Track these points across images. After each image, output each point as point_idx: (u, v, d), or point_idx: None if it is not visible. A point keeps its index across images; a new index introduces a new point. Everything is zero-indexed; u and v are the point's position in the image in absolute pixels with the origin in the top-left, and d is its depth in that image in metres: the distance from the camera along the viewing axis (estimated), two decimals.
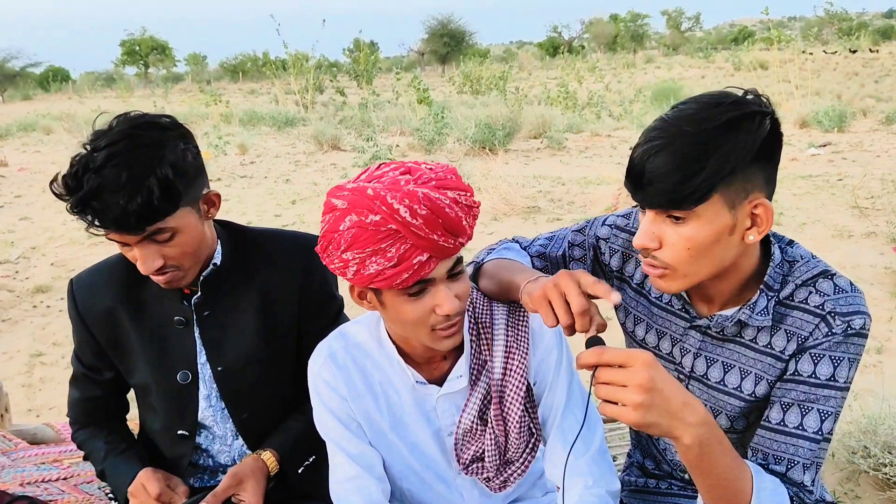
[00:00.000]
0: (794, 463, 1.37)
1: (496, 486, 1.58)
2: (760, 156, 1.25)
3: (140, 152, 1.46)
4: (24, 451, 2.79)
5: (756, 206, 1.28)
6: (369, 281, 1.28)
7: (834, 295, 1.36)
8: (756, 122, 1.24)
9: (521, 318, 1.53)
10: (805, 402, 1.37)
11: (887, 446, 2.81)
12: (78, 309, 1.76)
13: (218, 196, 1.68)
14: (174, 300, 1.74)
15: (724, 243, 1.30)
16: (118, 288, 1.74)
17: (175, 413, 1.79)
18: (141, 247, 1.54)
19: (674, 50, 70.28)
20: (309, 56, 26.35)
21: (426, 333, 1.37)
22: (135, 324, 1.74)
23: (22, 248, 7.54)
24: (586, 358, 1.12)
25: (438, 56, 65.36)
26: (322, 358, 1.54)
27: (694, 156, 1.23)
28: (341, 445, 1.54)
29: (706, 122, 1.23)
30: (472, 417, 1.52)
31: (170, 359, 1.75)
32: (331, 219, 1.29)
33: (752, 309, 1.39)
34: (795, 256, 1.43)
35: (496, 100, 18.24)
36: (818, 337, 1.35)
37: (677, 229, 1.30)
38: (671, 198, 1.26)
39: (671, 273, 1.34)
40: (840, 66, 31.93)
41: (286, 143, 16.47)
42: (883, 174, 9.30)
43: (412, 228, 1.24)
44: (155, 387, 1.77)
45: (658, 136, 1.26)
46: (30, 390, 4.31)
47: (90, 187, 1.43)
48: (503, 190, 8.11)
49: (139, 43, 71.24)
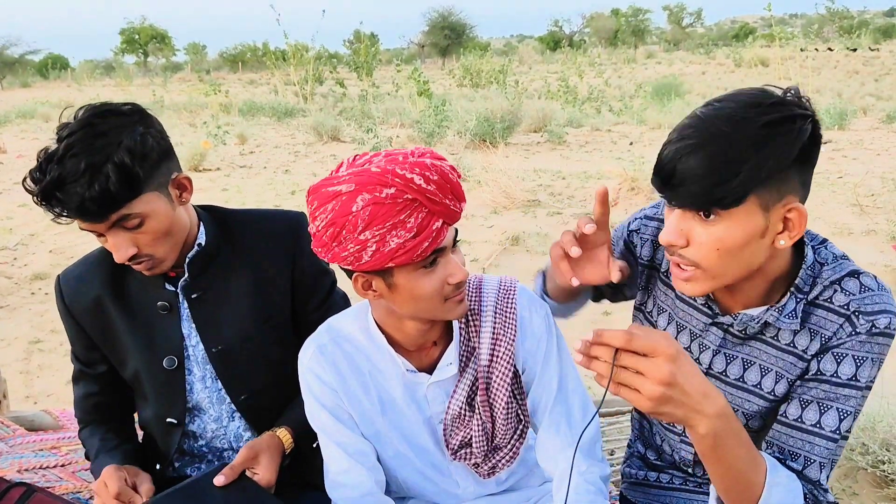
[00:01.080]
0: (810, 461, 1.36)
1: (485, 472, 1.60)
2: (798, 160, 1.20)
3: (97, 140, 1.47)
4: (21, 438, 2.79)
5: (790, 210, 1.24)
6: (389, 258, 1.28)
7: (860, 294, 1.34)
8: (797, 126, 1.19)
9: (509, 305, 1.53)
10: (825, 400, 1.35)
11: (885, 444, 2.81)
12: (65, 303, 1.76)
13: (188, 180, 1.67)
14: (157, 286, 1.74)
15: (754, 246, 1.26)
16: (104, 277, 1.74)
17: (164, 400, 1.78)
18: (111, 235, 1.55)
19: (675, 45, 70.28)
20: (309, 47, 26.27)
21: (440, 305, 1.38)
22: (121, 312, 1.74)
23: (20, 234, 7.53)
24: (612, 339, 1.07)
25: (439, 49, 65.26)
26: (311, 351, 1.54)
27: (730, 159, 1.18)
28: (334, 438, 1.55)
29: (744, 124, 1.18)
30: (461, 403, 1.53)
31: (156, 345, 1.75)
32: (337, 204, 1.27)
33: (781, 311, 1.37)
34: (827, 257, 1.40)
35: (496, 93, 18.21)
36: (842, 336, 1.34)
37: (707, 228, 1.25)
38: (703, 200, 1.21)
39: (699, 274, 1.30)
40: (841, 64, 31.91)
41: (286, 133, 16.44)
42: (883, 172, 9.30)
43: (428, 195, 1.27)
44: (144, 375, 1.77)
45: (692, 135, 1.21)
46: (28, 377, 4.30)
47: (52, 178, 1.45)
48: (503, 183, 8.09)
49: (139, 31, 71.11)
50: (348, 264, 1.32)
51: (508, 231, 6.71)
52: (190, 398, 1.80)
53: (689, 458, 1.64)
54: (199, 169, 11.36)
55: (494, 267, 5.88)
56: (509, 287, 1.56)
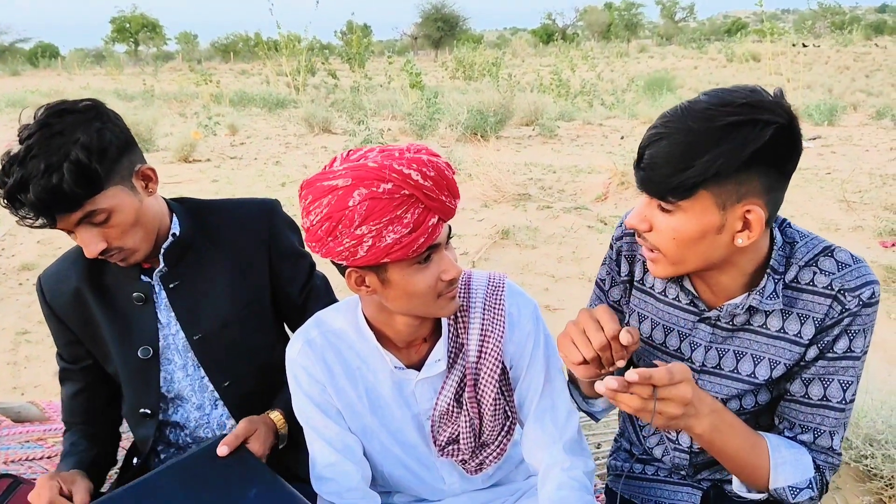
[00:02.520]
0: (820, 431, 1.44)
1: (472, 469, 1.60)
2: (758, 162, 1.22)
3: (53, 140, 1.48)
4: (7, 430, 2.78)
5: (748, 212, 1.27)
6: (385, 254, 1.28)
7: (839, 272, 1.38)
8: (755, 131, 1.21)
9: (497, 302, 1.54)
10: (825, 375, 1.42)
11: (868, 438, 2.83)
12: (47, 300, 1.78)
13: (153, 170, 1.68)
14: (132, 277, 1.75)
15: (710, 241, 1.30)
16: (81, 270, 1.75)
17: (139, 390, 1.79)
18: (80, 231, 1.56)
19: (667, 40, 70.33)
20: (301, 37, 26.17)
21: (433, 302, 1.39)
22: (99, 304, 1.75)
23: (8, 224, 7.47)
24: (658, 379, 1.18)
25: (432, 41, 65.13)
26: (299, 344, 1.54)
27: (686, 152, 1.23)
28: (320, 432, 1.55)
29: (709, 121, 1.22)
30: (449, 400, 1.54)
31: (132, 336, 1.76)
32: (333, 199, 1.27)
33: (762, 294, 1.40)
34: (794, 236, 1.44)
35: (489, 86, 18.17)
36: (834, 316, 1.38)
37: (666, 218, 1.31)
38: (660, 187, 1.27)
39: (661, 258, 1.36)
40: (832, 59, 32.00)
41: (277, 124, 16.37)
42: (871, 169, 9.34)
43: (425, 191, 1.28)
44: (121, 365, 1.78)
45: (665, 125, 1.27)
46: (15, 368, 4.28)
47: (14, 180, 1.46)
48: (494, 177, 8.08)
49: (129, 20, 70.66)
50: (343, 259, 1.32)
51: (499, 225, 6.71)
52: (171, 388, 1.80)
53: (685, 464, 1.66)
54: (189, 160, 11.31)
55: (484, 261, 5.88)
56: (498, 283, 1.56)
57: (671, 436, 1.65)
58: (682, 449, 1.64)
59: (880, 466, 2.72)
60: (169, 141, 12.51)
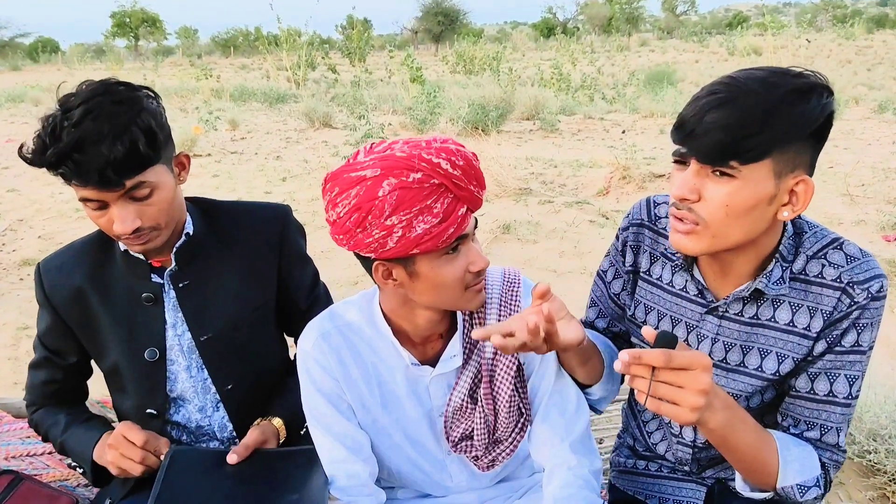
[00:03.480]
0: (827, 428, 1.43)
1: (484, 465, 1.58)
2: (818, 132, 1.25)
3: (118, 106, 1.47)
4: (8, 425, 2.78)
5: (798, 183, 1.27)
6: (414, 245, 1.27)
7: (848, 265, 1.38)
8: (823, 98, 1.23)
9: (514, 298, 1.53)
10: (832, 369, 1.41)
11: (872, 433, 2.83)
12: (45, 291, 1.74)
13: (188, 158, 1.69)
14: (141, 277, 1.72)
15: (759, 211, 1.29)
16: (86, 268, 1.73)
17: (145, 391, 1.77)
18: (119, 205, 1.52)
19: (668, 33, 70.17)
20: (301, 32, 26.15)
21: (460, 294, 1.38)
22: (103, 304, 1.72)
23: (9, 220, 7.48)
24: (653, 359, 1.13)
25: (432, 35, 64.97)
26: (313, 337, 1.52)
27: (759, 114, 1.21)
28: (329, 427, 1.53)
29: (774, 88, 1.22)
30: (463, 395, 1.52)
31: (138, 337, 1.74)
32: (362, 189, 1.26)
33: (769, 278, 1.39)
34: (802, 226, 1.44)
35: (489, 80, 18.12)
36: (842, 309, 1.37)
37: (720, 186, 1.27)
38: (727, 150, 1.23)
39: (701, 230, 1.32)
40: (833, 53, 31.91)
41: (277, 119, 16.35)
42: (874, 162, 9.33)
43: (454, 180, 1.27)
44: (124, 366, 1.76)
45: (724, 90, 1.25)
46: (16, 363, 4.28)
47: (70, 140, 1.42)
48: (495, 171, 8.07)
49: (130, 15, 70.50)
50: (371, 251, 1.31)
51: (500, 219, 6.70)
52: (173, 388, 1.79)
53: (688, 458, 1.65)
54: (190, 155, 11.27)
55: (486, 255, 5.87)
56: (514, 279, 1.55)
57: (674, 430, 1.64)
58: (686, 443, 1.63)
59: (884, 462, 2.71)
60: None
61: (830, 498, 2.70)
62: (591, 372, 1.51)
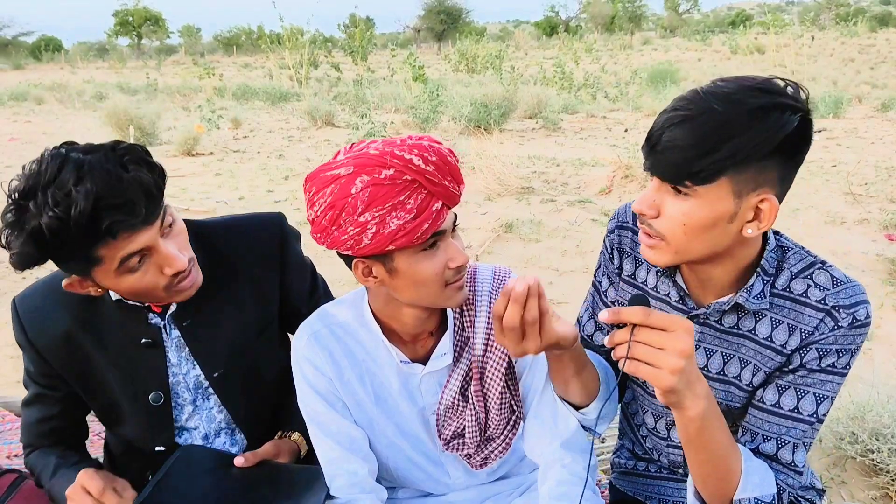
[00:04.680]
0: (784, 442, 1.39)
1: (477, 463, 1.59)
2: (780, 152, 1.21)
3: (108, 156, 1.35)
4: (11, 424, 2.78)
5: (762, 201, 1.24)
6: (389, 241, 1.28)
7: (834, 288, 1.35)
8: (784, 117, 1.19)
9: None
10: (802, 385, 1.38)
11: (875, 433, 2.82)
12: (28, 336, 1.61)
13: None
14: (138, 320, 1.61)
15: (720, 228, 1.27)
16: (73, 311, 1.59)
17: (151, 431, 1.70)
18: (165, 240, 1.43)
19: (671, 32, 70.16)
20: (304, 30, 26.13)
21: (440, 291, 1.38)
22: (96, 347, 1.61)
23: None
24: (630, 315, 1.11)
25: (434, 33, 65.02)
26: (305, 338, 1.53)
27: (713, 135, 1.19)
28: (326, 427, 1.54)
29: (735, 105, 1.19)
30: (454, 394, 1.53)
31: (139, 380, 1.65)
32: (336, 187, 1.27)
33: (749, 292, 1.38)
34: (787, 243, 1.43)
35: (492, 79, 18.14)
36: (824, 331, 1.35)
37: (677, 203, 1.27)
38: (681, 170, 1.22)
39: (663, 245, 1.32)
40: (836, 51, 31.87)
41: (280, 118, 16.37)
42: (877, 161, 9.30)
43: (427, 176, 1.27)
44: (126, 408, 1.68)
45: (685, 107, 1.23)
46: (18, 362, 4.28)
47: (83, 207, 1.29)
48: (497, 170, 8.06)
49: (132, 13, 70.61)
50: (348, 249, 1.32)
51: (502, 218, 6.69)
52: (178, 419, 1.73)
53: (680, 461, 1.64)
54: (193, 153, 11.30)
55: (488, 254, 5.87)
56: (504, 276, 1.56)
57: (662, 434, 1.64)
58: (676, 445, 1.62)
59: (886, 461, 2.71)
60: (172, 135, 12.51)
61: (833, 497, 2.69)
62: (587, 385, 1.45)
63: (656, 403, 1.62)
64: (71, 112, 18.74)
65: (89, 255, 1.36)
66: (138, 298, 1.53)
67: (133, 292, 1.48)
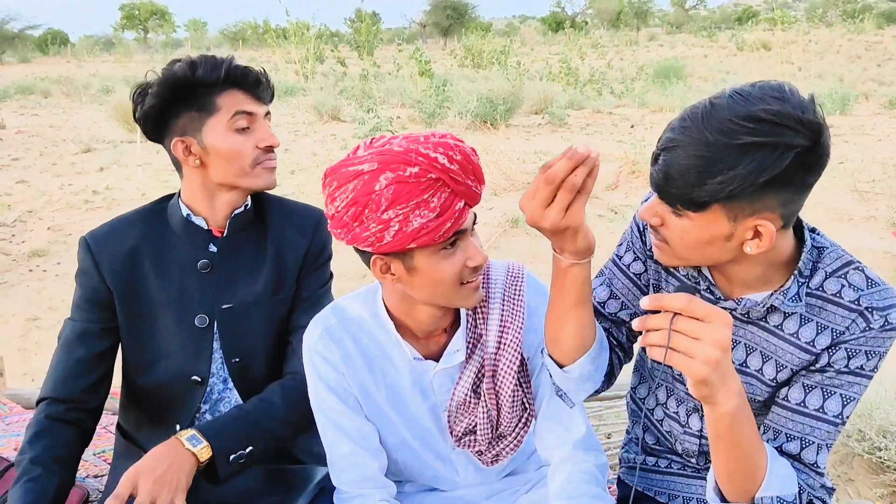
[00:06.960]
0: (808, 443, 1.38)
1: (488, 460, 1.59)
2: (773, 185, 1.17)
3: None
4: (18, 416, 2.79)
5: (761, 225, 1.23)
6: (411, 239, 1.27)
7: (868, 289, 1.35)
8: (773, 156, 1.14)
9: (517, 293, 1.53)
10: (829, 386, 1.37)
11: (882, 430, 2.82)
12: (94, 256, 1.72)
13: None
14: (201, 245, 1.78)
15: (718, 245, 1.28)
16: (141, 231, 1.76)
17: (191, 357, 1.77)
18: (266, 122, 1.77)
19: (677, 28, 69.94)
20: (310, 25, 26.14)
21: (457, 290, 1.38)
22: (156, 266, 1.75)
23: (18, 211, 7.51)
24: (672, 302, 1.11)
25: (440, 28, 64.94)
26: (318, 332, 1.52)
27: (699, 169, 1.17)
28: (337, 421, 1.53)
29: (727, 136, 1.15)
30: (466, 390, 1.52)
31: (188, 302, 1.75)
32: (359, 183, 1.26)
33: (785, 294, 1.37)
34: (822, 243, 1.41)
35: (498, 74, 18.09)
36: (855, 332, 1.34)
37: (675, 219, 1.28)
38: (671, 197, 1.24)
39: (668, 249, 1.34)
40: (843, 48, 31.75)
41: (286, 112, 16.36)
42: (884, 158, 9.28)
43: (451, 174, 1.26)
44: (171, 331, 1.75)
45: (683, 131, 1.20)
46: (25, 354, 4.30)
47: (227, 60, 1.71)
48: (503, 165, 8.06)
49: (138, 7, 70.75)
50: (368, 245, 1.31)
51: (508, 213, 6.69)
52: None
53: (694, 449, 1.63)
54: None
55: (494, 249, 5.87)
56: (517, 274, 1.55)
57: (681, 420, 1.63)
58: (693, 433, 1.61)
59: (894, 458, 2.70)
60: None
61: (840, 495, 2.69)
62: (581, 330, 1.37)
63: (681, 389, 1.61)
64: (77, 105, 18.79)
65: (209, 103, 1.67)
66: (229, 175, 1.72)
67: (228, 158, 1.70)
